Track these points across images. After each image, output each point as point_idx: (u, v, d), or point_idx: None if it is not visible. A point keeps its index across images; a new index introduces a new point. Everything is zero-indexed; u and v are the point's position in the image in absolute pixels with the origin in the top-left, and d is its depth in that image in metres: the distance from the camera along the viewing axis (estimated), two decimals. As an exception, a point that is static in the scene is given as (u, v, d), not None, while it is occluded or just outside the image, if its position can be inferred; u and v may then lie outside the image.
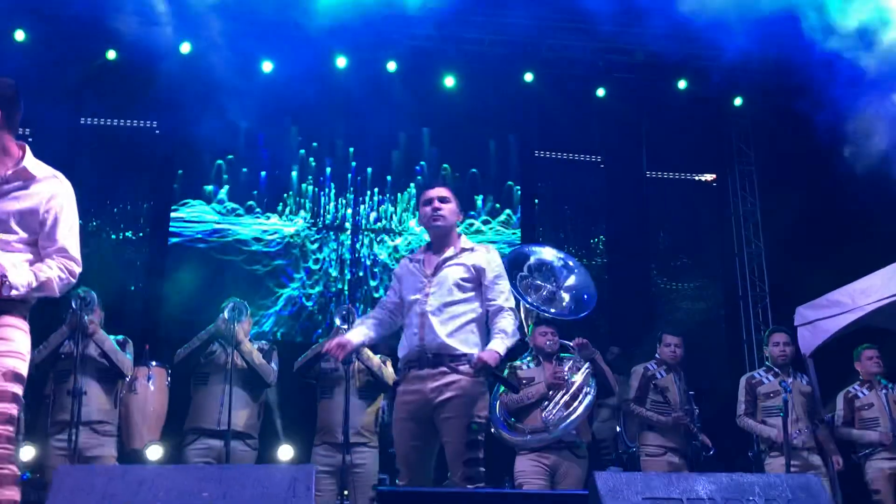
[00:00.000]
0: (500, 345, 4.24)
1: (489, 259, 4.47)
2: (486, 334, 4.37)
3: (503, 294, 4.42)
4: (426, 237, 4.71)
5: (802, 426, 6.66)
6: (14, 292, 3.21)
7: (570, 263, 5.32)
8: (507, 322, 4.32)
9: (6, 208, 3.34)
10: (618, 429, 8.66)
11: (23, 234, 3.36)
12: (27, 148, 3.43)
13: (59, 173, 3.50)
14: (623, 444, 8.43)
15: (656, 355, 7.04)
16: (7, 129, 3.39)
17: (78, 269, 3.46)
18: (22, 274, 3.27)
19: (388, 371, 6.23)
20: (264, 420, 6.45)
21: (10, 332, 3.30)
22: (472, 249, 4.51)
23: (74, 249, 3.45)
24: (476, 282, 4.40)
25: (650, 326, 10.52)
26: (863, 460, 6.84)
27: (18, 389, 3.28)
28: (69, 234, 3.44)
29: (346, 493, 6.17)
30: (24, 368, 3.31)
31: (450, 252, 4.47)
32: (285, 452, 6.98)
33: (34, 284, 3.30)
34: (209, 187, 10.06)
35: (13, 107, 3.38)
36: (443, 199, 4.51)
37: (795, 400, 6.73)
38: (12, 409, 3.24)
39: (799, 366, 7.24)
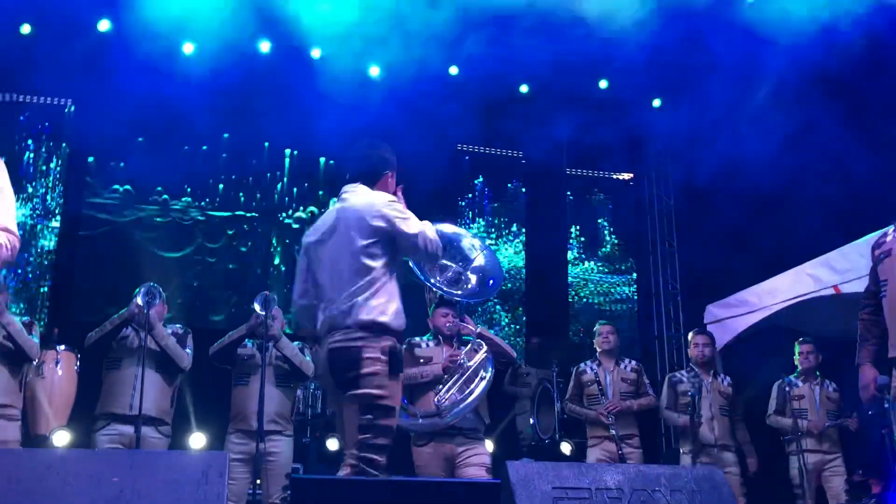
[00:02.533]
0: None
1: None
2: None
3: None
4: None
5: (716, 424, 6.89)
6: None
7: (478, 244, 5.15)
8: None
9: None
10: (531, 420, 8.78)
11: None
12: None
13: None
14: (536, 436, 8.57)
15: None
16: None
17: (18, 245, 3.40)
18: None
19: (307, 360, 6.20)
20: (177, 407, 6.36)
21: None
22: None
23: (14, 225, 3.39)
24: None
25: (565, 320, 10.73)
26: (791, 455, 7.08)
27: None
28: (8, 211, 3.38)
29: (258, 481, 6.14)
30: None
31: None
32: (198, 440, 6.90)
33: None
34: (120, 165, 9.84)
35: None
36: None
37: (713, 399, 6.98)
38: None
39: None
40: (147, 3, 8.23)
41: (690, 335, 7.44)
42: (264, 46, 9.42)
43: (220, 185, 10.20)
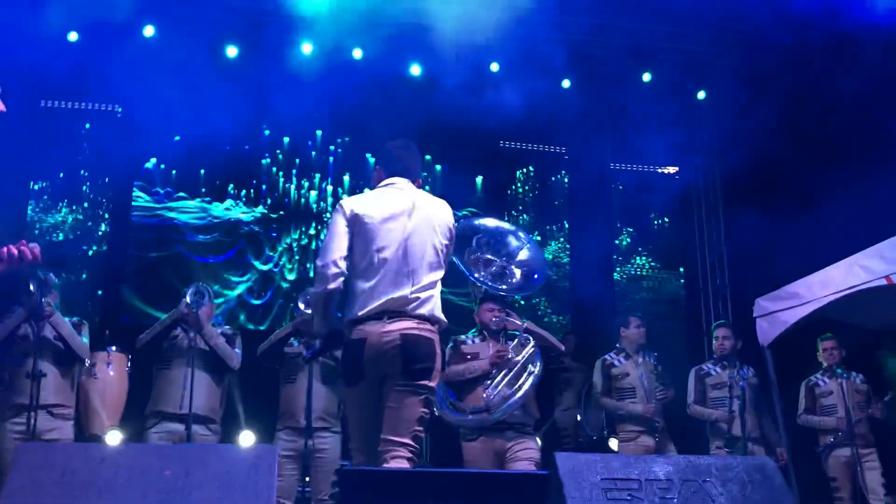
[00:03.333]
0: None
1: None
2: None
3: None
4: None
5: (748, 418, 6.82)
6: None
7: (522, 236, 5.08)
8: None
9: None
10: (578, 417, 8.74)
11: None
12: None
13: None
14: (584, 433, 8.52)
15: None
16: None
17: None
18: None
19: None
20: (227, 406, 6.44)
21: None
22: None
23: None
24: None
25: (611, 317, 10.61)
26: (823, 455, 7.02)
27: None
28: None
29: (307, 479, 6.18)
30: None
31: None
32: (247, 438, 6.97)
33: None
34: (170, 170, 9.97)
35: None
36: None
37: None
38: None
39: (747, 359, 7.42)
40: (188, 8, 8.36)
41: (713, 328, 7.39)
42: (306, 48, 9.46)
43: (264, 186, 10.29)
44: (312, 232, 10.29)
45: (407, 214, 4.14)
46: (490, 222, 4.98)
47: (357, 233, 4.10)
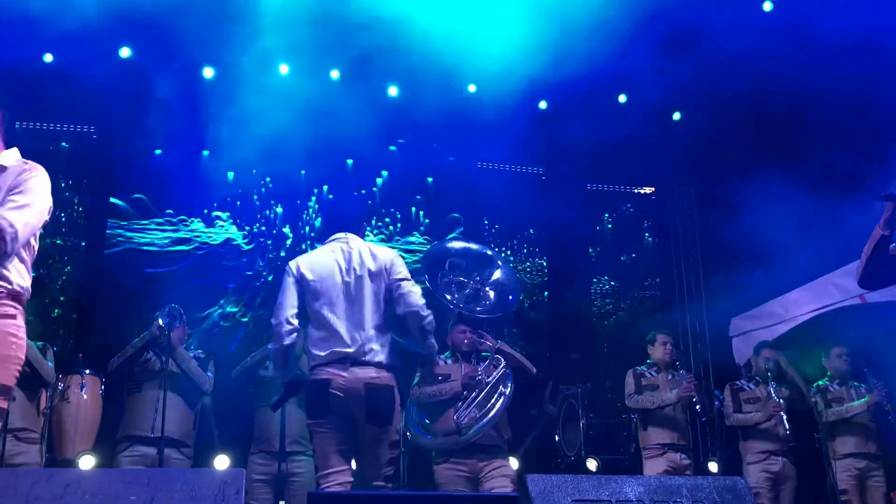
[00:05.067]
0: None
1: None
2: None
3: None
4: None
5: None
6: None
7: (491, 255, 5.09)
8: None
9: None
10: (556, 438, 8.73)
11: None
12: None
13: None
14: (561, 453, 8.51)
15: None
16: None
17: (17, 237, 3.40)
18: None
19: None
20: (200, 429, 6.37)
21: None
22: None
23: (17, 219, 3.40)
24: None
25: (589, 335, 10.64)
26: (833, 461, 6.97)
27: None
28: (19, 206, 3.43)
29: (281, 503, 6.13)
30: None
31: None
32: (221, 462, 6.88)
33: None
34: (142, 196, 9.90)
35: None
36: None
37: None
38: None
39: (723, 378, 7.47)
40: (166, 30, 8.33)
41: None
42: (283, 69, 9.44)
43: (245, 209, 10.23)
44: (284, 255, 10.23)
45: (344, 270, 4.51)
46: (460, 244, 4.99)
47: (304, 290, 4.51)
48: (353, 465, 4.45)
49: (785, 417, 6.82)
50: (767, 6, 8.70)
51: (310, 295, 4.48)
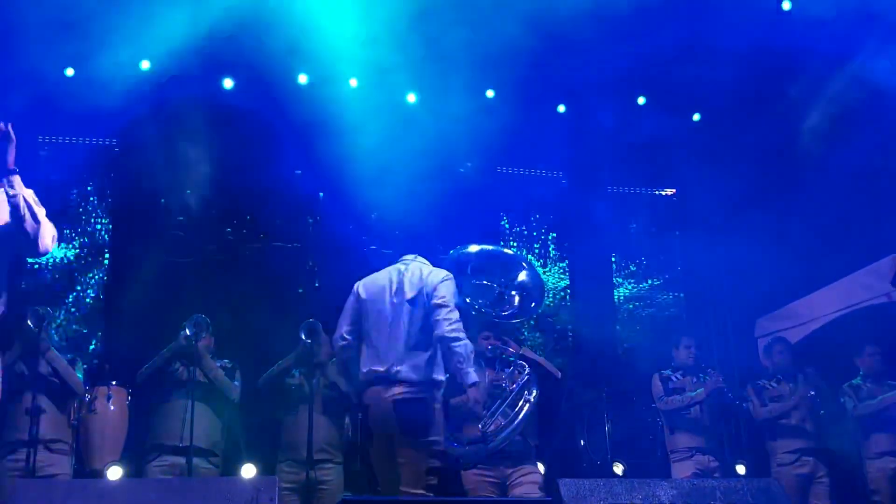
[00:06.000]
0: None
1: None
2: None
3: None
4: None
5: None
6: None
7: (518, 260, 5.09)
8: None
9: None
10: (581, 443, 8.67)
11: None
12: None
13: None
14: (588, 458, 8.45)
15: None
16: None
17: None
18: None
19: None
20: (228, 438, 6.39)
21: None
22: None
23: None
24: None
25: (611, 337, 10.57)
26: (869, 460, 6.89)
27: None
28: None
29: (310, 510, 6.13)
30: None
31: None
32: (248, 470, 6.89)
33: None
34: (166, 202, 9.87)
35: None
36: None
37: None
38: None
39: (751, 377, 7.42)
40: (183, 42, 8.36)
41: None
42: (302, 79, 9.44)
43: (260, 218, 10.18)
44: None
45: (393, 291, 4.73)
46: (483, 247, 5.01)
47: (360, 309, 4.81)
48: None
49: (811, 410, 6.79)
50: (786, 5, 8.64)
51: (363, 314, 4.76)
